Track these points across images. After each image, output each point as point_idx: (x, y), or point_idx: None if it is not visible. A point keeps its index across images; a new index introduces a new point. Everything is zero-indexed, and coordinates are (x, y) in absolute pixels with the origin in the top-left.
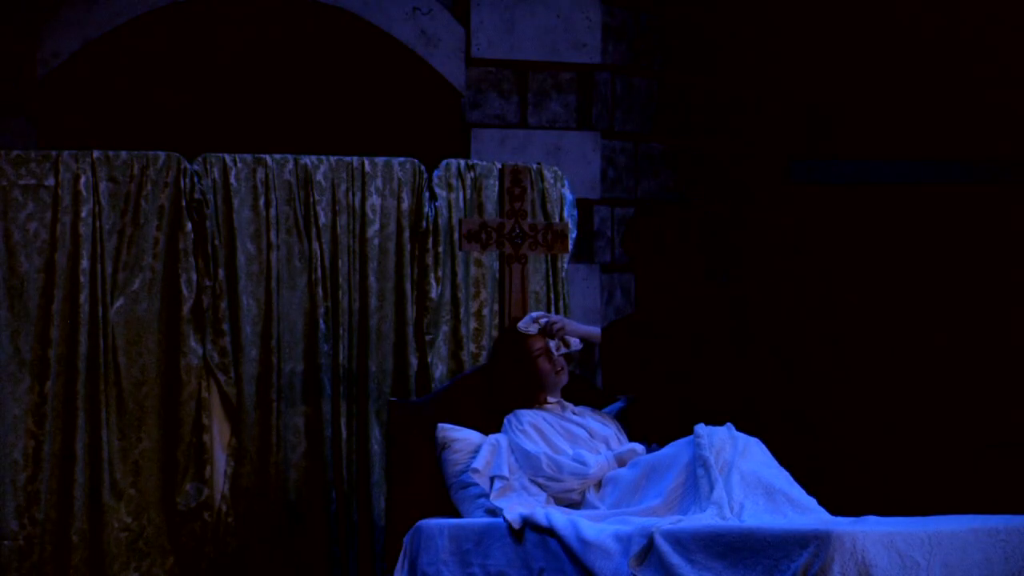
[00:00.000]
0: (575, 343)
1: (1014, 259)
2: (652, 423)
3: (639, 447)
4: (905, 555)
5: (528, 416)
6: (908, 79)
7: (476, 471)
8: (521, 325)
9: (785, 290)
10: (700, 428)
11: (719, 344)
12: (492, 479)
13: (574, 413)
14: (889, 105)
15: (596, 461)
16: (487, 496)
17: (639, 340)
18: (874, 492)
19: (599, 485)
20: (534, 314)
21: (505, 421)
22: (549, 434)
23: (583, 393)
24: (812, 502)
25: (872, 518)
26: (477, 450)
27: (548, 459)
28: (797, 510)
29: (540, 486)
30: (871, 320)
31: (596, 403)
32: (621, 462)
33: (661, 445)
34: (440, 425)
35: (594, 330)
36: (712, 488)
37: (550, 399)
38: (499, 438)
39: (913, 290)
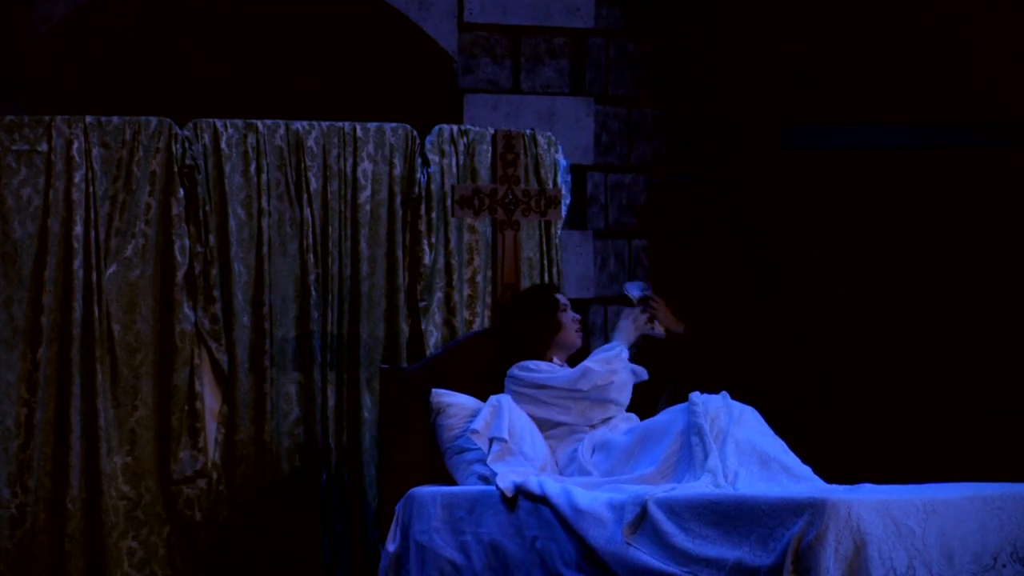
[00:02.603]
0: (659, 330)
1: (1011, 224)
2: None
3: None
4: (900, 523)
5: (535, 363)
6: (903, 42)
7: (475, 432)
8: (628, 286)
9: (781, 257)
10: (695, 395)
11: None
12: (491, 441)
13: None
14: (884, 69)
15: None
16: (483, 461)
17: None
18: (869, 460)
19: (590, 449)
20: (641, 283)
21: (509, 372)
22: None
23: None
24: (807, 471)
25: (867, 486)
26: (472, 415)
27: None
28: (792, 478)
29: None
30: (866, 287)
31: None
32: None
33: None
34: (434, 390)
35: (677, 328)
36: (707, 456)
37: (556, 359)
38: (500, 399)
39: (910, 256)
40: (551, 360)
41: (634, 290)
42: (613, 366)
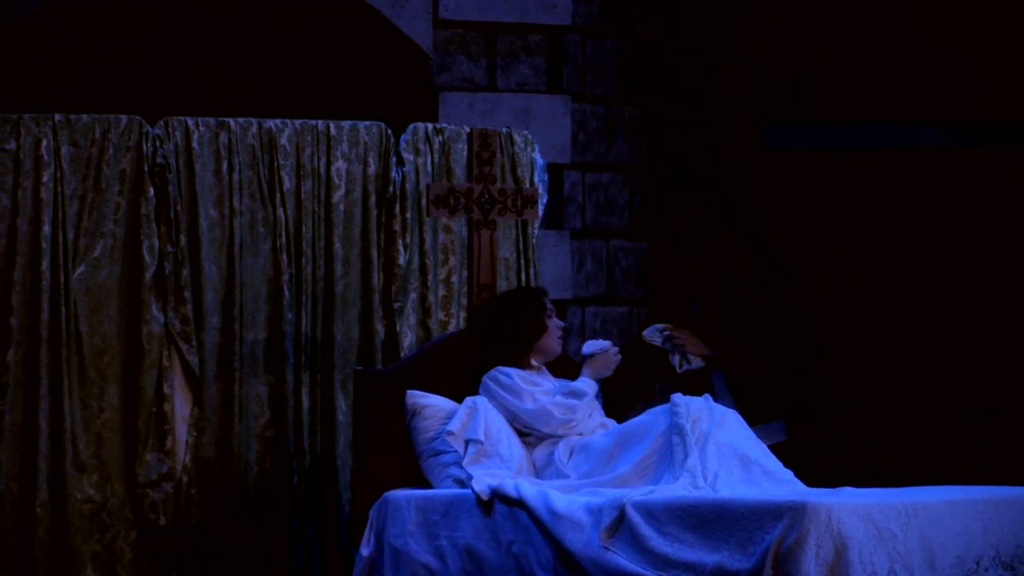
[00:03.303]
0: (696, 361)
1: (995, 223)
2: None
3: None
4: (882, 527)
5: (514, 371)
6: (884, 41)
7: (451, 434)
8: (646, 334)
9: (759, 256)
10: (677, 397)
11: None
12: (467, 443)
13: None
14: (866, 67)
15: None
16: (459, 464)
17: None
18: (850, 463)
19: (568, 451)
20: (659, 325)
21: (484, 379)
22: (542, 384)
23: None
24: (789, 474)
25: (848, 489)
26: (448, 417)
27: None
28: (772, 481)
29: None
30: (848, 288)
31: None
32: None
33: None
34: (410, 392)
35: (711, 352)
36: (687, 456)
37: (534, 362)
38: (476, 400)
39: (894, 256)
40: (530, 364)
41: (655, 336)
42: (575, 416)
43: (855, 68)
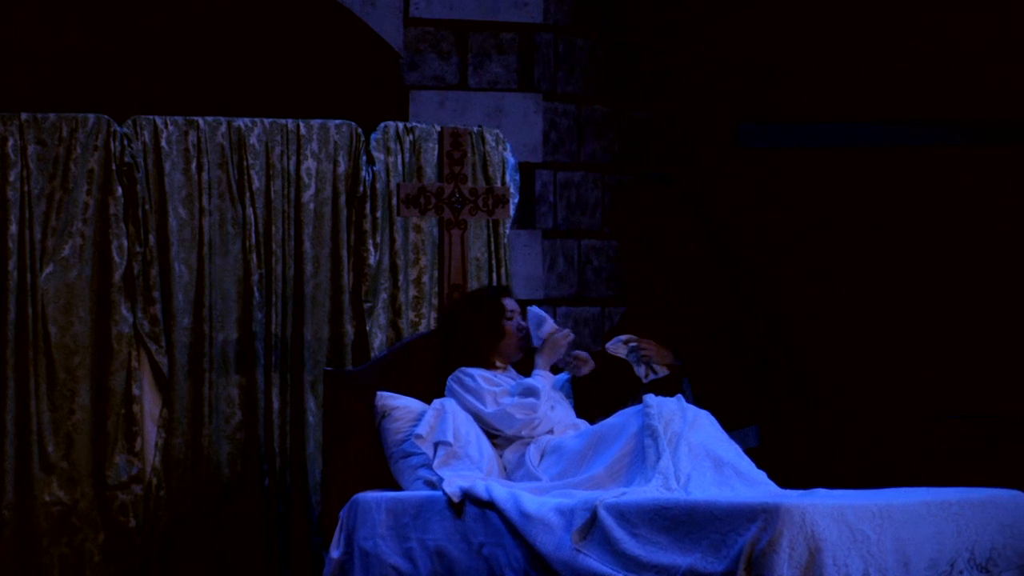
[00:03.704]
0: (662, 370)
1: (971, 223)
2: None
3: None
4: (855, 528)
5: (477, 372)
6: (861, 39)
7: (419, 437)
8: (609, 346)
9: (733, 257)
10: (649, 398)
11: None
12: (436, 445)
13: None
14: (841, 66)
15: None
16: (429, 466)
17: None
18: (824, 464)
19: (539, 453)
20: (623, 336)
21: (449, 381)
22: (503, 384)
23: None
24: (762, 475)
25: (821, 491)
26: (418, 418)
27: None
28: (745, 483)
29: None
30: (821, 288)
31: None
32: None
33: None
34: (379, 393)
35: (676, 361)
36: (659, 457)
37: (499, 363)
38: (444, 402)
39: (865, 257)
40: (494, 364)
41: (619, 348)
42: (536, 415)
43: (830, 67)
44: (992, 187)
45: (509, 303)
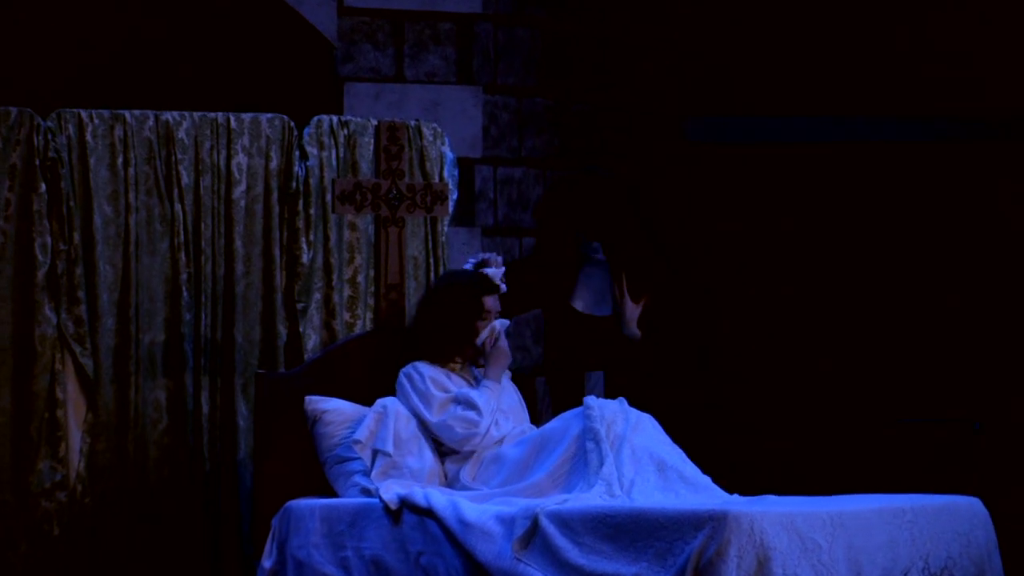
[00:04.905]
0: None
1: (921, 221)
2: None
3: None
4: (806, 537)
5: (429, 371)
6: (806, 32)
7: (358, 443)
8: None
9: (678, 256)
10: (590, 400)
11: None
12: (375, 453)
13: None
14: (789, 60)
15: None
16: (366, 472)
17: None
18: (772, 470)
19: (477, 465)
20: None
21: (400, 375)
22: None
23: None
24: (707, 480)
25: (771, 498)
26: (351, 421)
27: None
28: (690, 488)
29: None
30: (769, 289)
31: None
32: None
33: None
34: (308, 398)
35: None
36: (602, 463)
37: (457, 360)
38: (386, 403)
39: (813, 254)
40: (452, 361)
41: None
42: (477, 431)
43: (776, 61)
44: (943, 184)
45: (490, 302)
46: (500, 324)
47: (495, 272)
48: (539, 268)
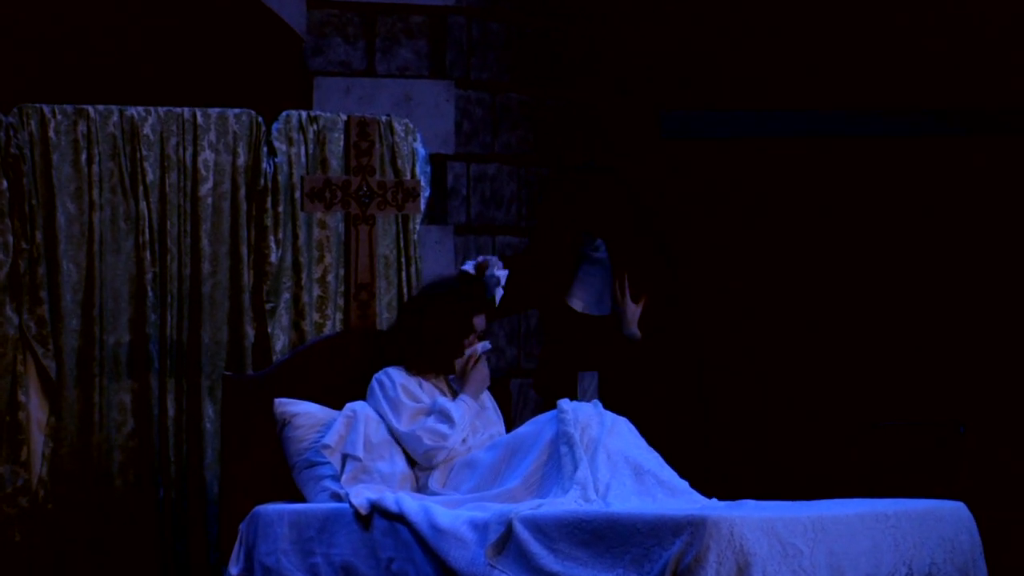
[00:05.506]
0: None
1: (898, 216)
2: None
3: None
4: (787, 542)
5: (401, 379)
6: (783, 26)
7: (327, 447)
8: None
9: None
10: (564, 403)
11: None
12: (345, 458)
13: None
14: (768, 54)
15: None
16: (336, 477)
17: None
18: (752, 474)
19: (447, 472)
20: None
21: (373, 380)
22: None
23: None
24: (684, 484)
25: (750, 502)
26: (321, 425)
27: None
28: (667, 492)
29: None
30: (746, 289)
31: None
32: None
33: None
34: (277, 400)
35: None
36: (576, 467)
37: (433, 374)
38: (356, 407)
39: (791, 255)
40: (426, 374)
41: (497, 289)
42: (446, 444)
43: (753, 54)
44: (925, 181)
45: (479, 322)
46: (482, 347)
47: (499, 275)
48: (534, 266)
